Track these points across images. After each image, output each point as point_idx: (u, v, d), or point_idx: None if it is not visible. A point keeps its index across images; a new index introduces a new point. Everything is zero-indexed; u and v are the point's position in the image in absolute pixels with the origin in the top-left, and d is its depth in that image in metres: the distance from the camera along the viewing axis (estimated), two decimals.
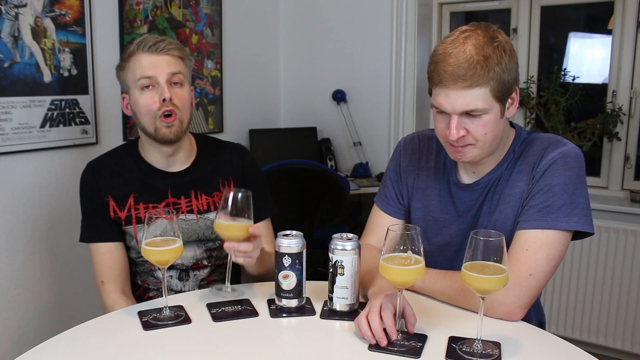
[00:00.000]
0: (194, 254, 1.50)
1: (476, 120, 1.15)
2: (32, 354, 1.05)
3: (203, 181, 1.51)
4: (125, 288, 1.47)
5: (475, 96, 1.12)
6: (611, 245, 2.53)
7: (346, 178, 2.90)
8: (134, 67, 1.40)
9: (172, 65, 1.40)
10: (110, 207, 1.45)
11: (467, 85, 1.11)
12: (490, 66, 1.11)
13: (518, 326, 1.17)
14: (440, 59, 1.14)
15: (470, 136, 1.17)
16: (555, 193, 1.17)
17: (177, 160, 1.50)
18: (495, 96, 1.14)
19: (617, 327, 2.57)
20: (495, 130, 1.18)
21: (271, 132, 3.27)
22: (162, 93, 1.38)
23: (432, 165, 1.38)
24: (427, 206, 1.38)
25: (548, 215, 1.17)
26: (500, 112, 1.17)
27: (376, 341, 1.05)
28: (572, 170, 1.18)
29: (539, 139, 1.26)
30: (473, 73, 1.10)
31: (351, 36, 3.20)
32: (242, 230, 1.23)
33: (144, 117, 1.41)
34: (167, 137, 1.41)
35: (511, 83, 1.16)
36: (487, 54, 1.11)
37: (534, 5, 2.86)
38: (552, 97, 2.72)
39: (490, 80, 1.12)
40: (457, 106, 1.14)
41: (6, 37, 1.92)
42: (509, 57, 1.14)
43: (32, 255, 2.08)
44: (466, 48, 1.12)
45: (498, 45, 1.13)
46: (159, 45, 1.39)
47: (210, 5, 2.85)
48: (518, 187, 1.23)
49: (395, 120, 3.10)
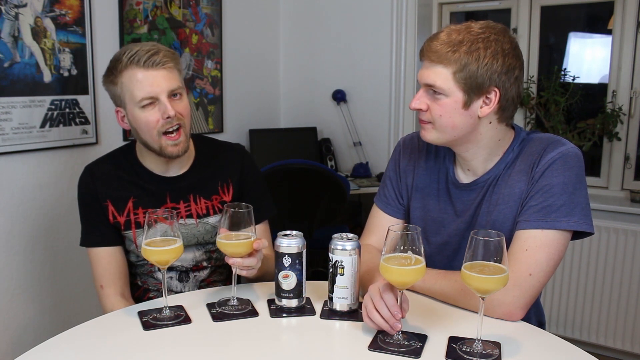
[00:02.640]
0: (193, 256, 1.50)
1: (437, 98, 1.20)
2: (32, 354, 1.05)
3: (202, 185, 1.50)
4: (125, 292, 1.46)
5: (436, 72, 1.18)
6: (611, 245, 2.53)
7: (346, 178, 2.90)
8: (130, 85, 1.33)
9: (170, 80, 1.35)
10: (110, 212, 1.44)
11: (433, 60, 1.19)
12: (460, 51, 1.16)
13: (518, 326, 1.17)
14: (432, 36, 1.23)
15: (428, 113, 1.23)
16: (555, 193, 1.17)
17: (176, 166, 1.48)
18: (458, 82, 1.17)
19: (617, 327, 2.57)
20: (454, 118, 1.20)
21: (271, 132, 3.27)
22: (165, 110, 1.33)
23: (431, 165, 1.39)
24: (425, 206, 1.38)
25: (548, 215, 1.17)
26: (464, 102, 1.19)
27: (391, 326, 1.05)
28: (571, 170, 1.18)
29: (537, 139, 1.26)
30: (442, 52, 1.17)
31: (351, 36, 3.20)
32: (246, 246, 1.21)
33: (146, 134, 1.38)
34: (175, 154, 1.39)
35: (484, 80, 1.17)
36: (463, 40, 1.16)
37: (534, 5, 2.86)
38: (552, 97, 2.72)
39: (454, 63, 1.16)
40: (423, 77, 1.21)
41: (6, 37, 1.92)
42: (492, 57, 1.16)
43: (32, 256, 2.08)
44: (451, 32, 1.19)
45: (485, 39, 1.16)
46: (154, 59, 1.32)
47: (210, 5, 2.85)
48: (517, 188, 1.23)
49: (395, 120, 3.10)
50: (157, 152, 1.40)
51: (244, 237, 1.21)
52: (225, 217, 1.20)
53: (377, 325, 1.07)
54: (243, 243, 1.20)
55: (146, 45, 1.36)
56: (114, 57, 1.38)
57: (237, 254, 1.22)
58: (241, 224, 1.21)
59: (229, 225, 1.20)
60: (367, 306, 1.09)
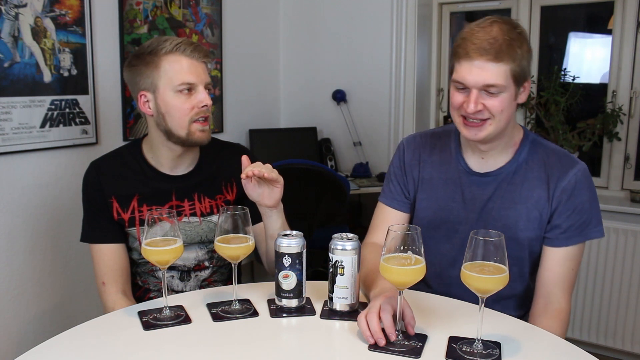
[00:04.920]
0: (195, 255, 1.50)
1: (494, 97, 1.22)
2: (32, 354, 1.05)
3: (206, 184, 1.51)
4: (126, 289, 1.46)
5: (497, 71, 1.20)
6: (611, 245, 2.53)
7: (346, 178, 2.90)
8: (171, 68, 1.37)
9: (207, 74, 1.43)
10: (114, 208, 1.45)
11: (491, 59, 1.19)
12: (514, 47, 1.20)
13: (518, 326, 1.17)
14: (468, 35, 1.22)
15: (487, 111, 1.23)
16: (586, 209, 1.30)
17: (183, 163, 1.49)
18: (513, 77, 1.21)
19: (617, 327, 2.57)
20: (510, 110, 1.25)
21: (271, 132, 3.27)
22: (203, 100, 1.39)
23: (436, 159, 1.43)
24: (432, 196, 1.41)
25: (583, 231, 1.30)
26: (515, 94, 1.25)
27: (375, 341, 1.05)
28: (591, 184, 1.31)
29: (551, 150, 1.35)
30: (499, 49, 1.19)
31: (351, 36, 3.20)
32: (248, 248, 1.21)
33: (175, 119, 1.39)
34: (202, 140, 1.43)
35: (527, 70, 1.25)
36: (511, 37, 1.21)
37: (534, 5, 2.86)
38: (552, 97, 2.71)
39: (512, 60, 1.20)
40: (480, 79, 1.20)
41: (6, 37, 1.92)
42: (527, 47, 1.24)
43: (32, 255, 2.08)
44: (493, 29, 1.21)
45: (520, 32, 1.23)
46: (198, 52, 1.39)
47: (210, 5, 2.85)
48: (536, 193, 1.31)
49: (395, 120, 3.10)
50: (182, 138, 1.41)
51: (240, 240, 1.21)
52: (222, 222, 1.20)
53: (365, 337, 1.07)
54: (242, 246, 1.20)
55: (185, 39, 1.42)
56: (149, 44, 1.40)
57: (235, 257, 1.22)
58: (239, 227, 1.21)
59: (227, 229, 1.21)
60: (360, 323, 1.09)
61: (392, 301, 1.09)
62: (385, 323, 1.06)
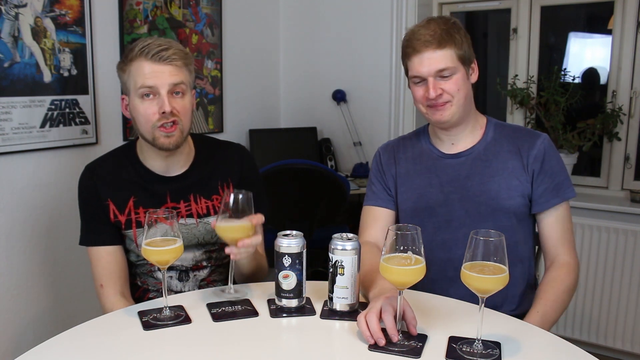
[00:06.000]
0: (193, 256, 1.50)
1: (448, 80, 1.38)
2: (32, 354, 1.05)
3: (202, 185, 1.50)
4: (125, 291, 1.46)
5: (444, 56, 1.36)
6: (611, 245, 2.53)
7: (346, 178, 2.90)
8: (135, 73, 1.36)
9: (174, 75, 1.36)
10: (111, 211, 1.44)
11: (436, 47, 1.35)
12: (452, 34, 1.37)
13: (518, 326, 1.17)
14: (411, 35, 1.40)
15: (446, 93, 1.38)
16: (557, 171, 1.43)
17: (176, 164, 1.48)
18: (459, 58, 1.38)
19: (617, 327, 2.57)
20: (465, 89, 1.40)
21: (271, 132, 3.27)
22: (162, 105, 1.35)
23: (409, 155, 1.54)
24: (410, 187, 1.50)
25: (560, 191, 1.42)
26: (466, 74, 1.40)
27: (374, 341, 1.05)
28: (557, 151, 1.46)
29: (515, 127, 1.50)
30: (440, 38, 1.36)
31: (351, 36, 3.20)
32: (247, 230, 1.22)
33: (142, 125, 1.39)
34: (166, 146, 1.39)
35: (470, 52, 1.41)
36: (448, 27, 1.38)
37: (534, 5, 2.86)
38: (552, 97, 2.71)
39: (454, 44, 1.36)
40: (432, 67, 1.36)
41: (6, 37, 1.92)
42: (464, 33, 1.41)
43: (31, 255, 2.08)
44: (430, 25, 1.38)
45: (454, 22, 1.41)
46: (162, 54, 1.34)
47: (210, 5, 2.85)
48: (510, 164, 1.43)
49: (395, 120, 3.10)
50: (151, 143, 1.41)
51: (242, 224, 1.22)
52: (226, 204, 1.21)
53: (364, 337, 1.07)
54: (244, 226, 1.22)
55: (161, 40, 1.39)
56: (129, 47, 1.41)
57: (236, 241, 1.23)
58: (242, 210, 1.22)
59: (229, 212, 1.21)
60: (360, 324, 1.09)
61: (392, 302, 1.09)
62: (387, 324, 1.06)
